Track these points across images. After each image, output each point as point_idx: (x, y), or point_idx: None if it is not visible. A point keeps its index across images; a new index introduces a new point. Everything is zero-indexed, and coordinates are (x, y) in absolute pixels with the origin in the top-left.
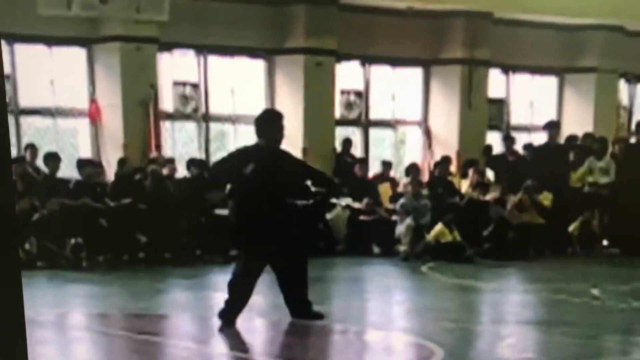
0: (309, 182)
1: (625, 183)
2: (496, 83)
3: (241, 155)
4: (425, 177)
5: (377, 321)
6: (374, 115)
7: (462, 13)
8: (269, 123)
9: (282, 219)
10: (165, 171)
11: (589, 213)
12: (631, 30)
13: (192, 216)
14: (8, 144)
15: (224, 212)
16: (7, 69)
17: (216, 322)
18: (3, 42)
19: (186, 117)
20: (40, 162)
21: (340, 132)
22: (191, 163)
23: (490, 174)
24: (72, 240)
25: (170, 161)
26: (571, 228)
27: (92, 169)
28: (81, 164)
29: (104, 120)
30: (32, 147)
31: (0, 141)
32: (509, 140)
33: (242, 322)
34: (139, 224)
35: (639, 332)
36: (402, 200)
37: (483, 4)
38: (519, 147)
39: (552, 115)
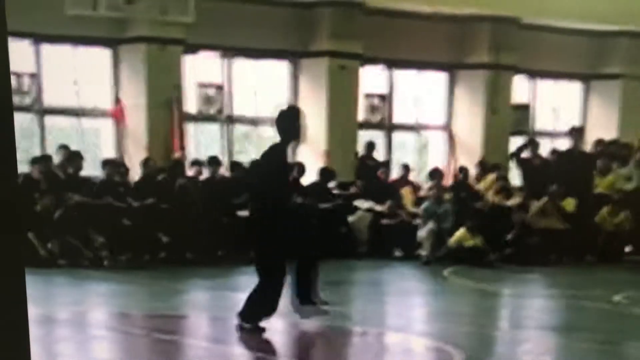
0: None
1: None
2: (521, 88)
3: None
4: (448, 181)
5: (397, 324)
6: (397, 119)
7: (488, 18)
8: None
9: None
10: (190, 173)
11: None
12: None
13: (214, 217)
14: (13, 142)
15: (245, 213)
16: (32, 68)
17: (235, 323)
18: (29, 42)
19: (210, 118)
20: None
21: (364, 136)
22: (211, 162)
23: (514, 179)
24: (95, 239)
25: (198, 163)
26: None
27: (115, 168)
28: (104, 163)
29: (128, 120)
30: (65, 149)
31: (6, 140)
32: (533, 144)
33: (262, 323)
34: (161, 224)
35: None
36: (424, 204)
37: (509, 9)
38: (542, 153)
39: (576, 122)
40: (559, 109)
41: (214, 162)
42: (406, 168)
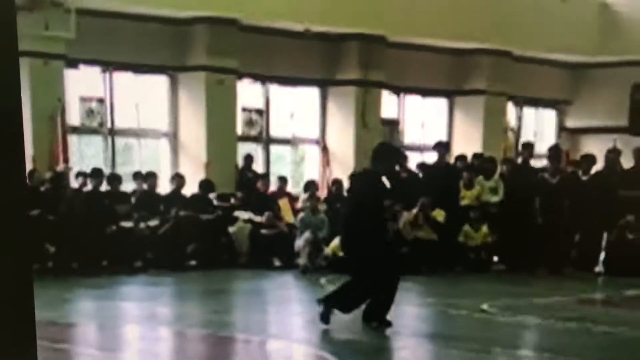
0: None
1: (512, 202)
2: (389, 104)
3: None
4: (324, 193)
5: (276, 331)
6: (274, 132)
7: (357, 36)
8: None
9: None
10: (76, 184)
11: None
12: (518, 55)
13: (98, 228)
14: (22, 149)
15: (129, 224)
16: None
17: (122, 331)
18: None
19: (92, 131)
20: None
21: (242, 149)
22: (94, 174)
23: None
24: None
25: (82, 174)
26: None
27: None
28: None
29: None
30: None
31: (16, 146)
32: (401, 158)
33: (148, 331)
34: (48, 234)
35: (523, 344)
36: (301, 215)
37: (377, 28)
38: (412, 166)
39: (442, 136)
40: (426, 124)
41: (96, 174)
42: (283, 180)
